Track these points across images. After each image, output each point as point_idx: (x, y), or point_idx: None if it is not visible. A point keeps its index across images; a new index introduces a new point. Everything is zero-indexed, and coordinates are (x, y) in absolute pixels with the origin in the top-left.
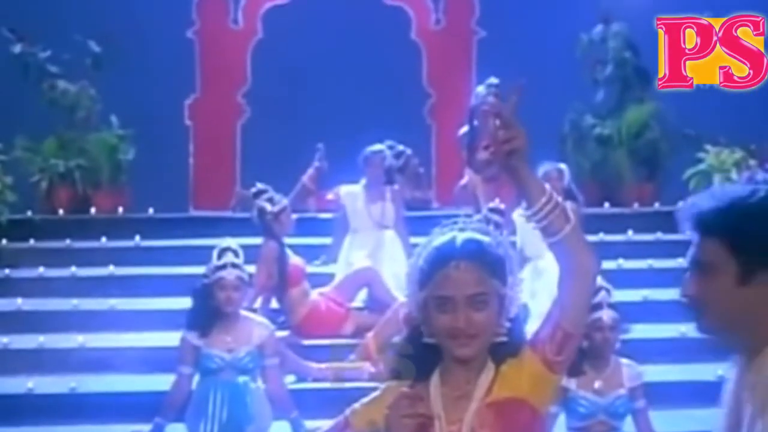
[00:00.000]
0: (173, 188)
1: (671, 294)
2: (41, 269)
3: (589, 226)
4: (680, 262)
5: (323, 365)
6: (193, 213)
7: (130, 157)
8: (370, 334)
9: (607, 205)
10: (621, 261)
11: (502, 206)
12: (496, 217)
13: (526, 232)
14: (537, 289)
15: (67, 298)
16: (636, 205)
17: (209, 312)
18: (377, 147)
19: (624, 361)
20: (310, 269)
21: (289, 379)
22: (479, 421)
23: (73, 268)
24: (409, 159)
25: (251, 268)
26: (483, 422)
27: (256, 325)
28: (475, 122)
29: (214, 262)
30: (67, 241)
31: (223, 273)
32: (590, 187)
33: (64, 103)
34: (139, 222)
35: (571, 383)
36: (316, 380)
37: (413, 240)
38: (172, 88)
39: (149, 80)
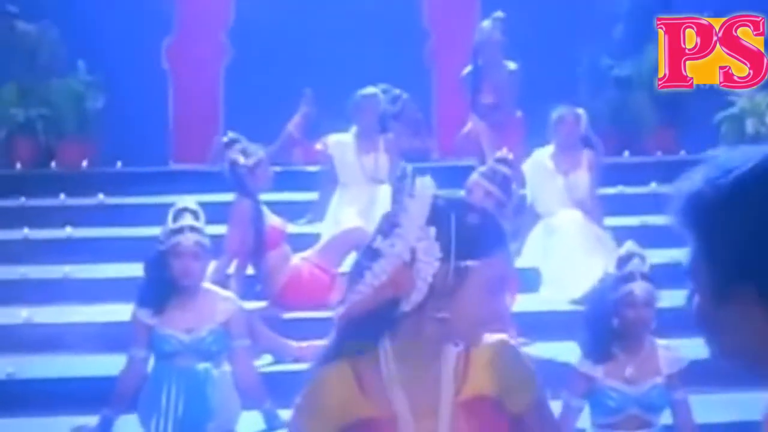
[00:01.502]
0: (148, 140)
1: None
2: None
3: (607, 177)
4: None
5: (305, 343)
6: (174, 167)
7: (99, 106)
8: None
9: (626, 154)
10: (644, 217)
11: (511, 156)
12: (503, 169)
13: (537, 185)
14: (549, 249)
15: (15, 265)
16: (659, 154)
17: (164, 285)
18: (370, 90)
19: (661, 342)
20: (294, 229)
21: (265, 359)
22: (456, 421)
23: (26, 230)
24: (406, 104)
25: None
26: (459, 422)
27: (220, 300)
28: (480, 61)
29: (169, 225)
30: (22, 199)
31: (179, 238)
32: (608, 134)
33: (24, 46)
34: (106, 177)
35: (598, 371)
36: (296, 361)
37: None
38: (146, 28)
39: (120, 19)
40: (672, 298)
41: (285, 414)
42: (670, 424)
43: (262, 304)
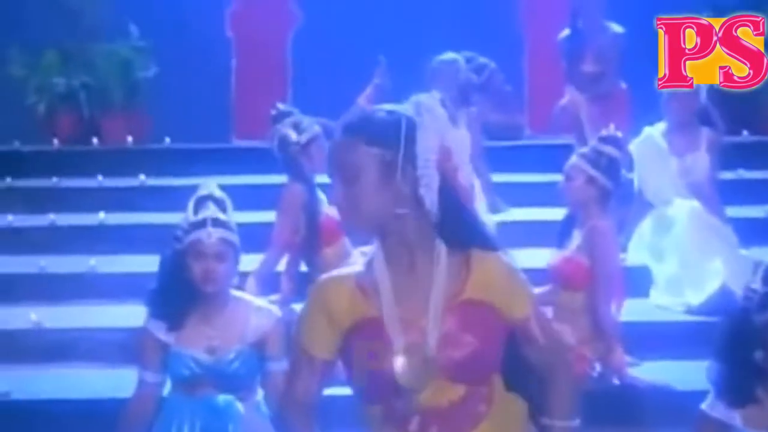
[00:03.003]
0: (205, 114)
1: None
2: (10, 217)
3: (724, 160)
4: None
5: None
6: (237, 143)
7: (150, 75)
8: None
9: (745, 133)
10: None
11: (619, 134)
12: (609, 150)
13: (646, 169)
14: (662, 247)
15: (35, 256)
16: None
17: (181, 292)
18: (449, 55)
19: None
20: None
21: None
22: (446, 324)
23: (52, 216)
24: (493, 74)
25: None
26: (450, 326)
27: (253, 313)
28: (580, 23)
29: (189, 217)
30: (54, 180)
31: (200, 234)
32: (722, 109)
33: (67, 5)
34: (152, 155)
35: (735, 417)
36: None
37: (497, 178)
38: None
39: None
40: None
41: None
42: None
43: None
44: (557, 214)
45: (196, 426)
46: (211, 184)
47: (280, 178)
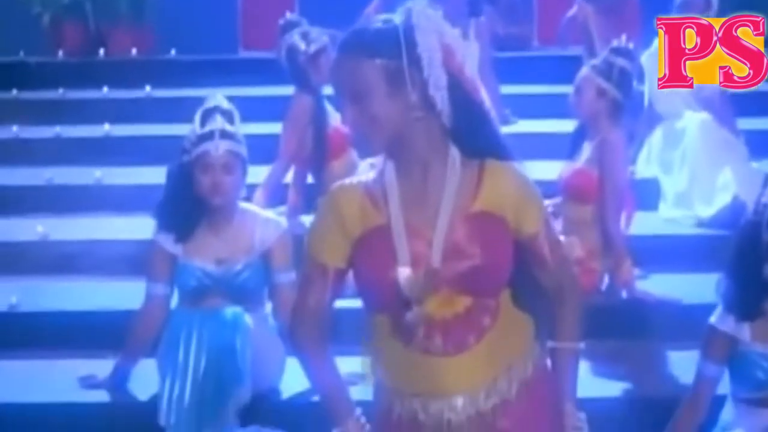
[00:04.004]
0: (211, 25)
1: None
2: (15, 128)
3: None
4: None
5: None
6: (244, 54)
7: None
8: None
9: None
10: None
11: (631, 45)
12: (621, 62)
13: (657, 81)
14: (672, 160)
15: (41, 168)
16: None
17: (189, 204)
18: None
19: None
20: None
21: None
22: (453, 235)
23: (58, 128)
24: None
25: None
26: (458, 237)
27: (260, 223)
28: None
29: (196, 129)
30: (59, 91)
31: (207, 146)
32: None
33: None
34: (157, 66)
35: (743, 331)
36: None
37: (505, 90)
38: None
39: None
40: None
41: (341, 363)
42: None
43: None
44: (566, 126)
45: (204, 337)
46: (218, 96)
47: (287, 90)
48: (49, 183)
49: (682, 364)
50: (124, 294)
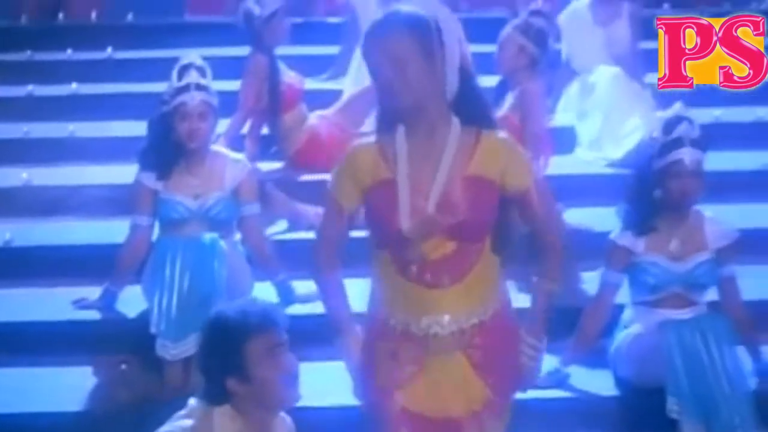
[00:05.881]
0: None
1: None
2: None
3: (648, 31)
4: None
5: (321, 209)
6: (188, 19)
7: None
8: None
9: (666, 6)
10: None
11: (547, 8)
12: (538, 22)
13: (573, 39)
14: (586, 109)
15: (17, 123)
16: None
17: (169, 148)
18: None
19: (707, 214)
20: (314, 86)
21: (278, 227)
22: (448, 193)
23: (30, 87)
24: None
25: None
26: (451, 194)
27: (230, 164)
28: None
29: (174, 83)
30: (28, 53)
31: (184, 97)
32: None
33: None
34: (116, 30)
35: (638, 244)
36: (312, 228)
37: None
38: None
39: None
40: (719, 160)
41: (300, 286)
42: (716, 301)
43: (277, 165)
44: (491, 81)
45: (187, 259)
46: (192, 54)
47: (229, 51)
48: (26, 136)
49: (593, 280)
50: (107, 231)
